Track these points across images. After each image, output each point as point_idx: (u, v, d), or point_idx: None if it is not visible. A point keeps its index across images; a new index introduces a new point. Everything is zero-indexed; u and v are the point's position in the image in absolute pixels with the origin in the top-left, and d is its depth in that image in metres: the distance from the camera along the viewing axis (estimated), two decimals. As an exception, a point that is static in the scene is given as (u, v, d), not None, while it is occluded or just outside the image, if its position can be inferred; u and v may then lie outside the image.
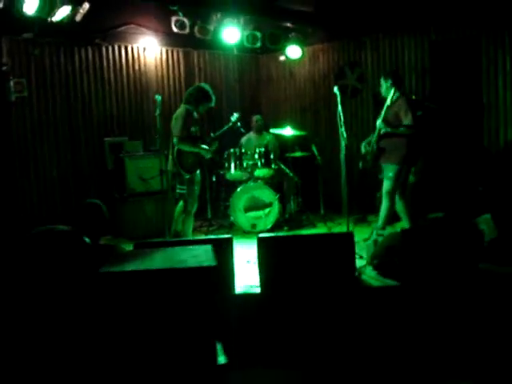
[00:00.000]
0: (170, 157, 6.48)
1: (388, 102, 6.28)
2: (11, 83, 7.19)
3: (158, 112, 5.95)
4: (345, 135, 5.78)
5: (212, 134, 7.04)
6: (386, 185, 6.42)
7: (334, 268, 4.86)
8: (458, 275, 4.88)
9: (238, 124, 7.31)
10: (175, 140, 6.39)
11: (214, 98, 6.73)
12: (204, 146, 6.57)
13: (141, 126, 8.61)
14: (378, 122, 6.39)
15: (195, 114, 6.64)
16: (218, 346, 3.23)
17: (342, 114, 5.82)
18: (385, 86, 6.44)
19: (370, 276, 5.19)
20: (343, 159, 5.84)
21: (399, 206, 6.48)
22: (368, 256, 5.49)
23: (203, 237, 6.80)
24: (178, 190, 6.55)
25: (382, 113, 6.34)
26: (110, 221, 4.37)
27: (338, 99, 5.86)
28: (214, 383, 3.15)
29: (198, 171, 6.69)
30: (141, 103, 8.67)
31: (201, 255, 3.45)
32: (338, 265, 4.88)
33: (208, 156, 6.61)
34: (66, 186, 7.93)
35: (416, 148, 6.43)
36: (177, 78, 9.12)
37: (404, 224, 6.43)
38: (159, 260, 3.37)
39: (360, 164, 6.73)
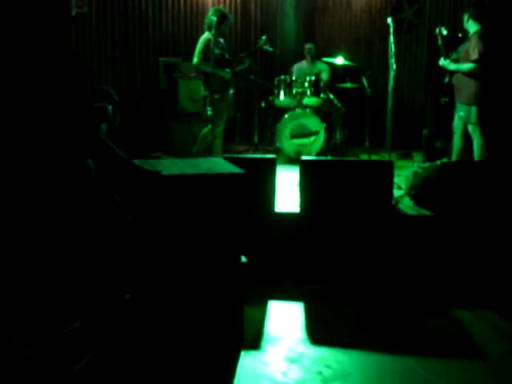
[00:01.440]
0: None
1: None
2: (72, -2, 7.38)
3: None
4: (394, 67, 5.82)
5: (241, 55, 7.22)
6: (456, 123, 6.26)
7: (372, 194, 5.06)
8: (491, 212, 5.01)
9: (266, 46, 7.32)
10: (194, 61, 6.73)
11: (230, 15, 6.89)
12: (225, 69, 6.73)
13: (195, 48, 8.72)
14: (440, 60, 6.25)
15: (220, 38, 6.80)
16: None
17: (393, 46, 5.85)
18: (465, 18, 6.06)
19: (406, 205, 5.34)
20: (391, 91, 5.88)
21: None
22: (407, 187, 5.64)
23: (248, 155, 7.02)
24: (208, 112, 6.77)
25: (442, 50, 6.25)
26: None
27: (391, 30, 5.88)
28: (239, 276, 3.51)
29: (230, 92, 6.90)
30: (196, 25, 8.73)
31: (222, 164, 3.76)
32: (376, 191, 5.07)
33: (227, 77, 6.72)
34: (120, 102, 8.17)
35: (488, 89, 5.98)
36: (233, 2, 9.15)
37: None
38: (187, 167, 3.67)
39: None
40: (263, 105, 8.26)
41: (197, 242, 3.46)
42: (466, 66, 5.95)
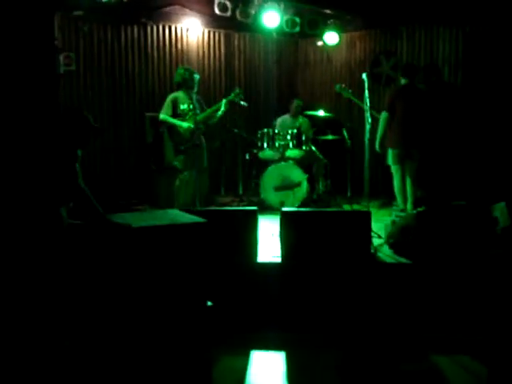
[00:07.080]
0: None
1: None
2: (60, 57, 7.64)
3: (195, 90, 6.32)
4: (370, 120, 6.07)
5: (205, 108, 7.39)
6: None
7: (351, 243, 5.21)
8: (467, 258, 5.16)
9: (238, 99, 7.49)
10: (159, 117, 7.19)
11: (188, 72, 7.17)
12: (181, 122, 7.07)
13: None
14: None
15: (192, 93, 7.07)
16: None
17: (368, 100, 6.11)
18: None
19: (385, 254, 5.49)
20: (367, 143, 6.11)
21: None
22: (385, 235, 5.79)
23: (231, 208, 7.20)
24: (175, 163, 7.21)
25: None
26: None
27: (366, 85, 6.16)
28: (204, 318, 3.72)
29: (200, 143, 7.16)
30: (181, 81, 9.00)
31: (185, 216, 3.95)
32: (354, 241, 5.22)
33: (182, 130, 7.06)
34: (107, 156, 8.39)
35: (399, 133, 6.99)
36: (217, 58, 9.46)
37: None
38: (152, 219, 3.86)
39: None
40: (247, 157, 8.47)
41: (163, 287, 3.62)
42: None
